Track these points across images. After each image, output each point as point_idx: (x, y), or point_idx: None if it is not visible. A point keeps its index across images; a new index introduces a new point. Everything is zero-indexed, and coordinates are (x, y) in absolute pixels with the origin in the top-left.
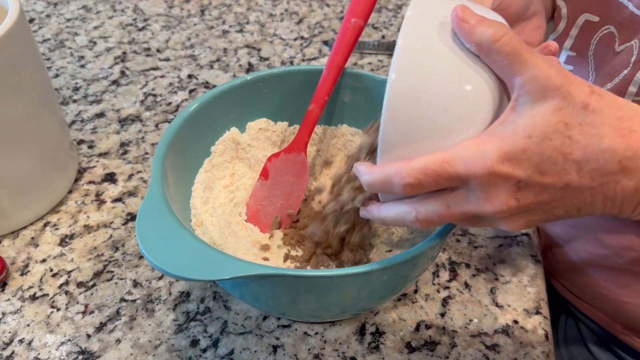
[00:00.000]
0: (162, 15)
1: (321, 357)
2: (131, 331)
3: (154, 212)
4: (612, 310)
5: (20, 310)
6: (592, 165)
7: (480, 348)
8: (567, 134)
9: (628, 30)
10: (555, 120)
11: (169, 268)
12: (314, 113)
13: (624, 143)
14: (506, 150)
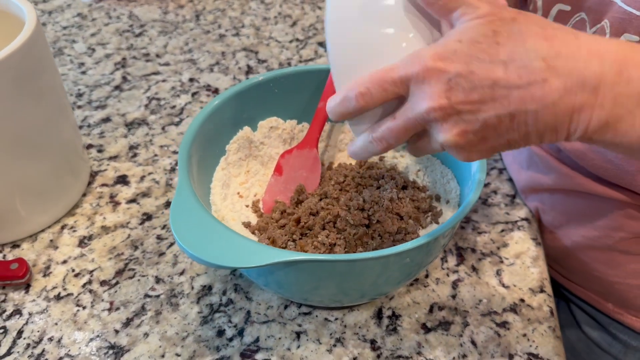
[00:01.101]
0: (158, 21)
1: (343, 340)
2: (158, 325)
3: (185, 207)
4: (604, 290)
5: (46, 310)
6: (518, 63)
7: (491, 326)
8: (494, 39)
9: (596, 14)
10: (485, 29)
11: (208, 258)
12: (324, 110)
13: (547, 44)
14: (439, 51)
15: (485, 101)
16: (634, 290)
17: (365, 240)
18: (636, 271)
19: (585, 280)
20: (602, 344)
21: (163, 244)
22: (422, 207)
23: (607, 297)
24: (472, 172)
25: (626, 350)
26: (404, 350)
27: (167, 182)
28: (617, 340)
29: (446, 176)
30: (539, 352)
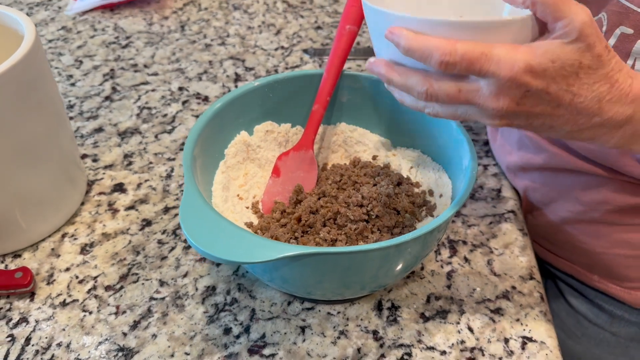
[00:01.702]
0: (144, 32)
1: (346, 333)
2: (165, 326)
3: (193, 207)
4: (589, 262)
5: (53, 317)
6: (582, 98)
7: (486, 312)
8: (577, 70)
9: (595, 7)
10: (575, 57)
11: (220, 254)
12: (318, 112)
13: (607, 89)
14: (533, 64)
15: (543, 114)
16: (618, 260)
17: (366, 234)
18: (620, 241)
19: (571, 254)
20: (589, 315)
21: (164, 248)
22: (417, 202)
23: (592, 268)
24: (463, 167)
25: (612, 320)
26: (405, 339)
27: (164, 189)
28: (603, 311)
29: (438, 172)
30: (533, 335)
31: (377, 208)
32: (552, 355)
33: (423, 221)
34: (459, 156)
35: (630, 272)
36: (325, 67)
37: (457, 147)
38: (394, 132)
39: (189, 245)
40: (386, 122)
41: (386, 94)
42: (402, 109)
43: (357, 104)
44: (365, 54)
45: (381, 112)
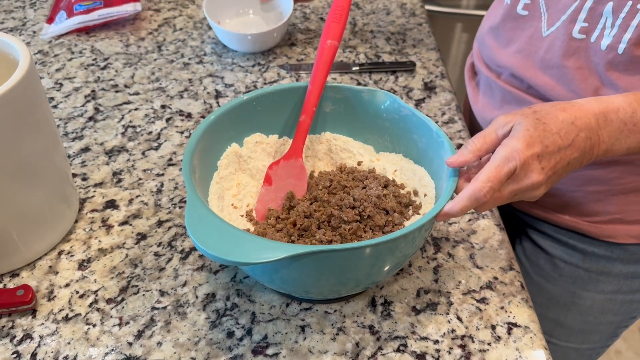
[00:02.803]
0: (121, 53)
1: (344, 329)
2: (169, 333)
3: (197, 214)
4: (561, 202)
5: (57, 332)
6: (564, 130)
7: (472, 302)
8: (542, 122)
9: None
10: (531, 120)
11: (228, 256)
12: (305, 122)
13: (567, 114)
14: (527, 141)
15: (560, 161)
16: (588, 196)
17: (359, 234)
18: (589, 178)
19: (545, 197)
20: (564, 257)
21: (162, 260)
22: (404, 202)
23: (564, 209)
24: (445, 167)
25: (584, 257)
26: (400, 332)
27: (155, 203)
28: (575, 250)
29: (420, 173)
30: (517, 321)
31: (369, 209)
32: (536, 337)
33: (411, 219)
34: (440, 157)
35: (598, 207)
36: (309, 80)
37: (438, 149)
38: (376, 138)
39: (186, 256)
40: (368, 129)
41: (367, 103)
42: (384, 117)
43: (340, 114)
44: (339, 67)
45: (363, 120)
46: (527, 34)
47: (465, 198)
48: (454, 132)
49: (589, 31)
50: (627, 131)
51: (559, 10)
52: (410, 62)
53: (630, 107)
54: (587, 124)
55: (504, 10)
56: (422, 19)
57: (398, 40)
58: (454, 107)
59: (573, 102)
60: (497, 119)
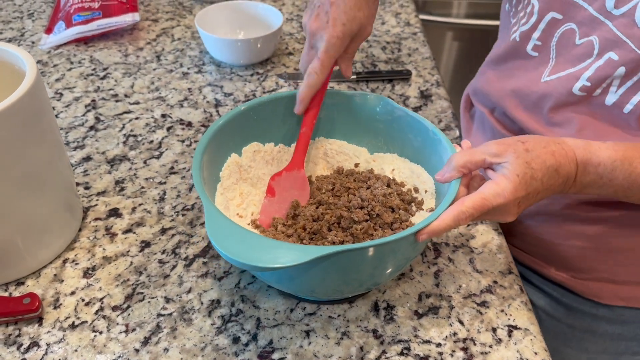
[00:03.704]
0: (120, 63)
1: (348, 333)
2: (175, 340)
3: (217, 224)
4: (547, 253)
5: (63, 339)
6: (547, 177)
7: (473, 306)
8: (530, 167)
9: (587, 28)
10: (522, 162)
11: (253, 262)
12: (306, 134)
13: (554, 159)
14: (515, 186)
15: (532, 202)
16: (573, 251)
17: (370, 232)
18: (576, 232)
19: (532, 246)
20: (547, 309)
21: (166, 267)
22: (406, 199)
23: (549, 260)
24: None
25: (568, 312)
26: (403, 335)
27: (158, 211)
28: (560, 304)
29: (416, 171)
30: (517, 323)
31: (377, 207)
32: (536, 340)
33: (416, 215)
34: (438, 154)
35: (584, 263)
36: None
37: (435, 146)
38: (371, 140)
39: (190, 263)
40: (362, 132)
41: (360, 106)
42: (377, 119)
43: (334, 118)
44: (336, 76)
45: (357, 124)
46: (529, 76)
47: (450, 218)
48: (451, 139)
49: (591, 90)
50: (601, 184)
51: (567, 61)
52: (406, 71)
53: (611, 164)
54: (568, 173)
55: (510, 45)
56: (416, 29)
57: (394, 49)
58: (449, 114)
59: (562, 144)
60: (489, 145)
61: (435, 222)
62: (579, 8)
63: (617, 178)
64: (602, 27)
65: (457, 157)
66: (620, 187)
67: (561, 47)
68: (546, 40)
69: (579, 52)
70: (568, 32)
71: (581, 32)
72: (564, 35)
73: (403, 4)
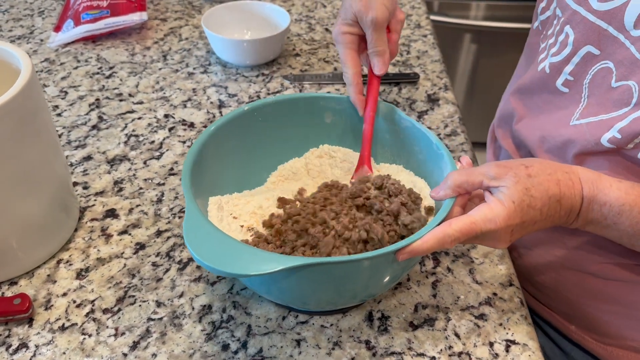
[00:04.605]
0: (127, 62)
1: (340, 344)
2: (164, 345)
3: (195, 225)
4: (570, 312)
5: (52, 341)
6: (547, 207)
7: (471, 319)
8: (529, 194)
9: (626, 69)
10: (520, 188)
11: (225, 268)
12: (368, 131)
13: (558, 189)
14: (509, 214)
15: (530, 229)
16: (600, 314)
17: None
18: (605, 295)
19: (552, 300)
20: None
21: (159, 270)
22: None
23: (571, 319)
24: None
25: None
26: (397, 347)
27: (155, 213)
28: None
29: (419, 185)
30: (515, 338)
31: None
32: (535, 356)
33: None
34: (440, 169)
35: (610, 328)
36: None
37: (437, 161)
38: (377, 149)
39: (184, 267)
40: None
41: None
42: (384, 128)
43: (341, 124)
44: (342, 78)
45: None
46: (559, 115)
47: (434, 240)
48: (456, 145)
49: (621, 144)
50: (605, 225)
51: (600, 105)
52: (414, 74)
53: (619, 207)
54: (572, 205)
55: (538, 77)
56: (427, 31)
57: (402, 51)
58: (456, 119)
59: (571, 173)
60: (489, 166)
61: (417, 243)
62: (619, 45)
63: (623, 223)
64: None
65: (454, 177)
66: (624, 233)
67: (594, 87)
68: (579, 77)
69: (614, 96)
70: (604, 70)
71: (619, 74)
72: (598, 74)
73: (415, 5)
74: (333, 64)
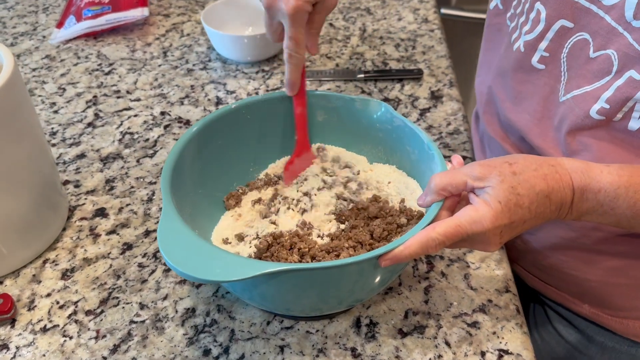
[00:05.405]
0: (126, 59)
1: (325, 351)
2: (145, 349)
3: (170, 227)
4: (580, 291)
5: (33, 343)
6: (535, 204)
7: (463, 327)
8: (516, 192)
9: (602, 40)
10: (506, 187)
11: (195, 273)
12: (303, 114)
13: (545, 184)
14: (496, 214)
15: (518, 232)
16: (611, 288)
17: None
18: (613, 269)
19: (561, 282)
20: (579, 347)
21: (145, 272)
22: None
23: (582, 297)
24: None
25: (602, 351)
26: (384, 356)
27: (145, 212)
28: (593, 342)
29: (411, 186)
30: (509, 347)
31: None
32: None
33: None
34: (431, 170)
35: (623, 301)
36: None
37: (429, 162)
38: (370, 149)
39: (170, 268)
40: (362, 140)
41: (360, 112)
42: (377, 127)
43: (333, 123)
44: (344, 75)
45: (357, 130)
46: (542, 93)
47: (417, 244)
48: (459, 144)
49: (611, 114)
50: (602, 212)
51: (581, 77)
52: (417, 70)
53: (614, 191)
54: (562, 199)
55: (514, 57)
56: (434, 25)
57: (407, 47)
58: (460, 117)
59: (557, 166)
60: (473, 166)
61: (400, 248)
62: (593, 16)
63: (620, 207)
64: (621, 40)
65: (437, 179)
66: (623, 217)
67: (572, 60)
68: (556, 52)
69: (594, 67)
70: (581, 42)
71: (596, 44)
72: (575, 46)
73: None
74: (335, 60)
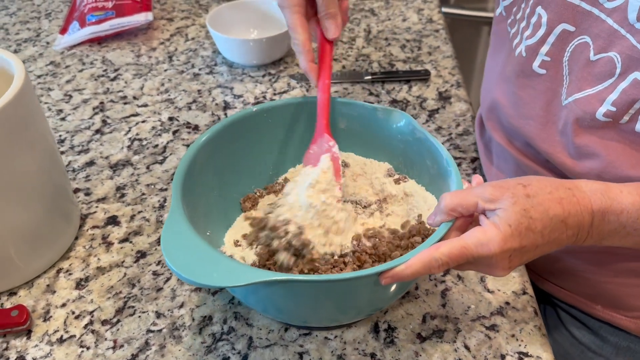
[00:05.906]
0: (132, 64)
1: (344, 357)
2: (163, 358)
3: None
4: (592, 292)
5: (50, 354)
6: (549, 229)
7: (482, 330)
8: (528, 215)
9: (604, 42)
10: (518, 209)
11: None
12: (325, 99)
13: (561, 208)
14: (505, 236)
15: (531, 255)
16: (623, 289)
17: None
18: (625, 270)
19: (573, 284)
20: (593, 347)
21: (160, 280)
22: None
23: (595, 299)
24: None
25: (617, 351)
26: None
27: (157, 219)
28: (607, 343)
29: (429, 201)
30: (528, 350)
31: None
32: None
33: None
34: (447, 186)
35: (636, 301)
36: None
37: (446, 178)
38: (390, 160)
39: None
40: (382, 150)
41: (382, 122)
42: (398, 138)
43: (354, 131)
44: (350, 77)
45: (377, 140)
46: (545, 98)
47: (419, 264)
48: (468, 145)
49: (617, 117)
50: (625, 234)
51: (583, 80)
52: (424, 71)
53: (636, 212)
54: (579, 223)
55: (516, 62)
56: (439, 25)
57: (413, 47)
58: (469, 118)
59: (574, 189)
60: (485, 187)
61: (402, 266)
62: (594, 19)
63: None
64: (624, 42)
65: (447, 199)
66: None
67: (573, 63)
68: (557, 56)
69: (595, 70)
70: (581, 46)
71: (596, 47)
72: (576, 49)
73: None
74: (341, 62)
